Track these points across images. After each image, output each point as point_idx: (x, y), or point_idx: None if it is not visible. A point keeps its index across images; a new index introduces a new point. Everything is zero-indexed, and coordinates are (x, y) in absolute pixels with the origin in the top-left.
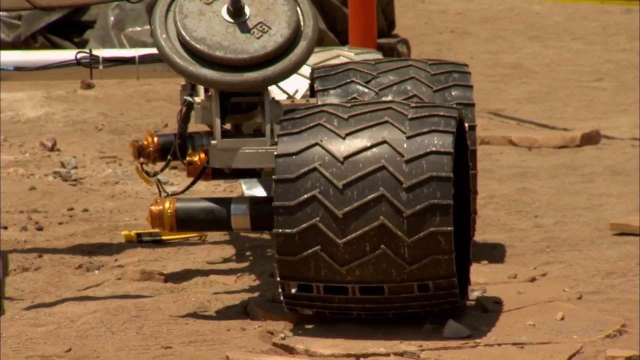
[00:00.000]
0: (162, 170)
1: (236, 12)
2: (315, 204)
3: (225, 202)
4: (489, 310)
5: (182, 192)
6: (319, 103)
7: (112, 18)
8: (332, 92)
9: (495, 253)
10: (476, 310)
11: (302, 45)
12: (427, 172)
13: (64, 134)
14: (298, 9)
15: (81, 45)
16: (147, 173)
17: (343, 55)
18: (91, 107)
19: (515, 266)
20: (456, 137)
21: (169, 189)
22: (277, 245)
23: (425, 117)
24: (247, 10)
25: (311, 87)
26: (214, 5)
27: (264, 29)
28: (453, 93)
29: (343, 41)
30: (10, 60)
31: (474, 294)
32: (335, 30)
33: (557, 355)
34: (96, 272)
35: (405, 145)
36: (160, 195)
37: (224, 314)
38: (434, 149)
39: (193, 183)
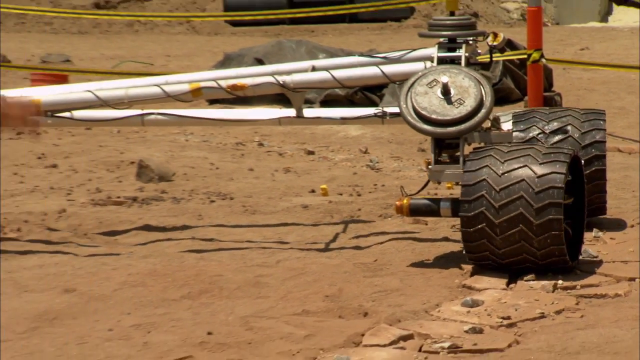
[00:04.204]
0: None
1: (446, 93)
2: (483, 216)
3: (437, 201)
4: (607, 243)
5: (416, 193)
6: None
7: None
8: (520, 133)
9: (609, 211)
10: (599, 242)
11: (483, 112)
12: (547, 199)
13: (372, 144)
14: (482, 90)
15: (381, 96)
16: None
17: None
18: (385, 130)
19: (621, 219)
20: (572, 166)
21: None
22: (462, 235)
23: (549, 162)
24: (452, 91)
25: None
26: (434, 88)
27: (460, 102)
28: (593, 134)
29: (523, 94)
30: (338, 114)
31: (598, 234)
32: (519, 88)
33: None
34: (389, 219)
35: (535, 182)
36: (402, 195)
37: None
38: (552, 185)
39: (422, 188)
